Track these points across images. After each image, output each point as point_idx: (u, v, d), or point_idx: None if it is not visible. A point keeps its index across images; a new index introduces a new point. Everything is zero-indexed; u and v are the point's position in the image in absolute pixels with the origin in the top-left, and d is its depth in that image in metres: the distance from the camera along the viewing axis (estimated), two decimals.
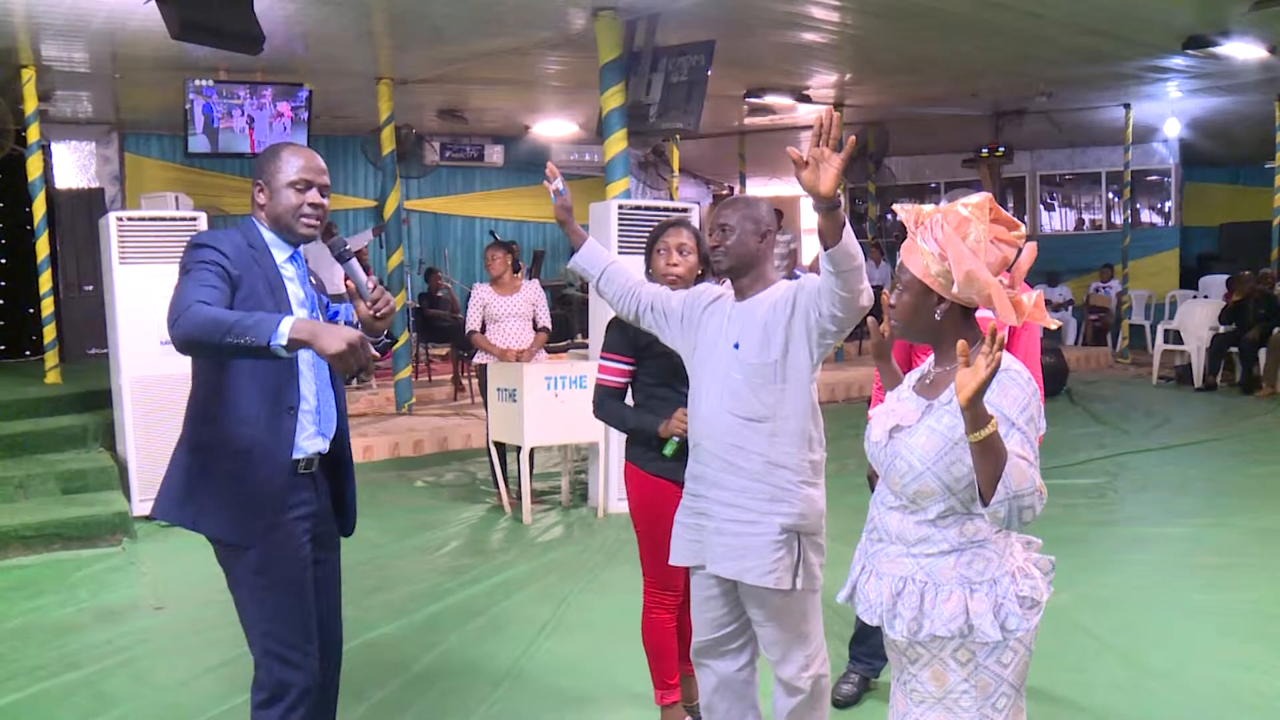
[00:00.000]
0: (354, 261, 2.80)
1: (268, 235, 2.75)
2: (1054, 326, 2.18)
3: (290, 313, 2.63)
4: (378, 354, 2.84)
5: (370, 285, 2.78)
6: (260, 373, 2.63)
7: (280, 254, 2.76)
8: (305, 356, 2.69)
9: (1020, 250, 2.15)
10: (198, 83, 9.40)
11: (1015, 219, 2.18)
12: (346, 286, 2.82)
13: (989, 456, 1.93)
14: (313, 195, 2.73)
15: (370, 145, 11.78)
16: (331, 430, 2.83)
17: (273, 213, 2.74)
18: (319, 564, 2.83)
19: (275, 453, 2.66)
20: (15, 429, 7.48)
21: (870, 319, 2.58)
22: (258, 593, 2.66)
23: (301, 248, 2.83)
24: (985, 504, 1.97)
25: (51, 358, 9.19)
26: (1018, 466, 1.93)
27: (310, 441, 2.75)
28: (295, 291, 2.76)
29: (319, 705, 2.81)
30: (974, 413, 1.90)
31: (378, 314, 2.79)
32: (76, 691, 4.17)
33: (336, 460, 2.90)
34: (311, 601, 2.73)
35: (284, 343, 2.29)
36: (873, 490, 3.47)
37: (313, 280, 2.87)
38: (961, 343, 1.93)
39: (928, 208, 2.21)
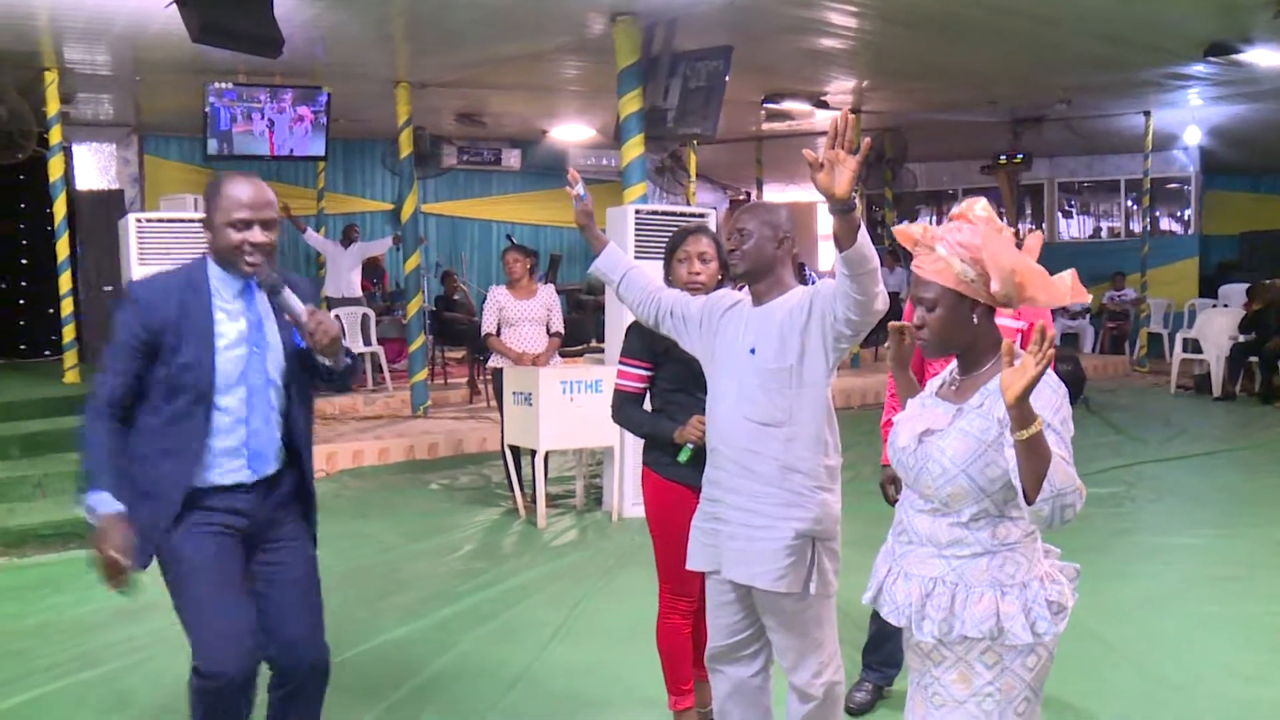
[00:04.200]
0: (286, 293, 2.75)
1: (215, 271, 2.78)
2: (1089, 300, 2.21)
3: (213, 359, 2.71)
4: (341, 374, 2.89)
5: (305, 315, 2.74)
6: (172, 420, 2.73)
7: (228, 290, 2.78)
8: (239, 394, 2.77)
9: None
10: (218, 86, 9.46)
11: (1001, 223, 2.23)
12: (286, 320, 2.80)
13: (1034, 455, 1.94)
14: (253, 234, 2.70)
15: (389, 154, 11.84)
16: (267, 466, 2.85)
17: (215, 251, 2.76)
18: (266, 566, 2.88)
19: (169, 490, 2.74)
20: (34, 428, 7.54)
21: (891, 324, 2.58)
22: (170, 590, 2.82)
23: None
24: (1030, 502, 1.98)
25: (70, 357, 9.27)
26: (1059, 465, 1.95)
27: (229, 476, 2.79)
28: (228, 330, 2.75)
29: (278, 694, 2.91)
30: (1021, 411, 1.91)
31: (316, 345, 2.77)
32: (95, 689, 4.21)
33: (297, 486, 2.95)
34: (216, 602, 2.75)
35: (84, 516, 2.63)
36: (886, 498, 3.49)
37: (288, 317, 2.81)
38: (1007, 342, 1.96)
39: (915, 228, 2.25)
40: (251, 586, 2.86)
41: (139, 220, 7.12)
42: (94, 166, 12.99)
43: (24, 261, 12.35)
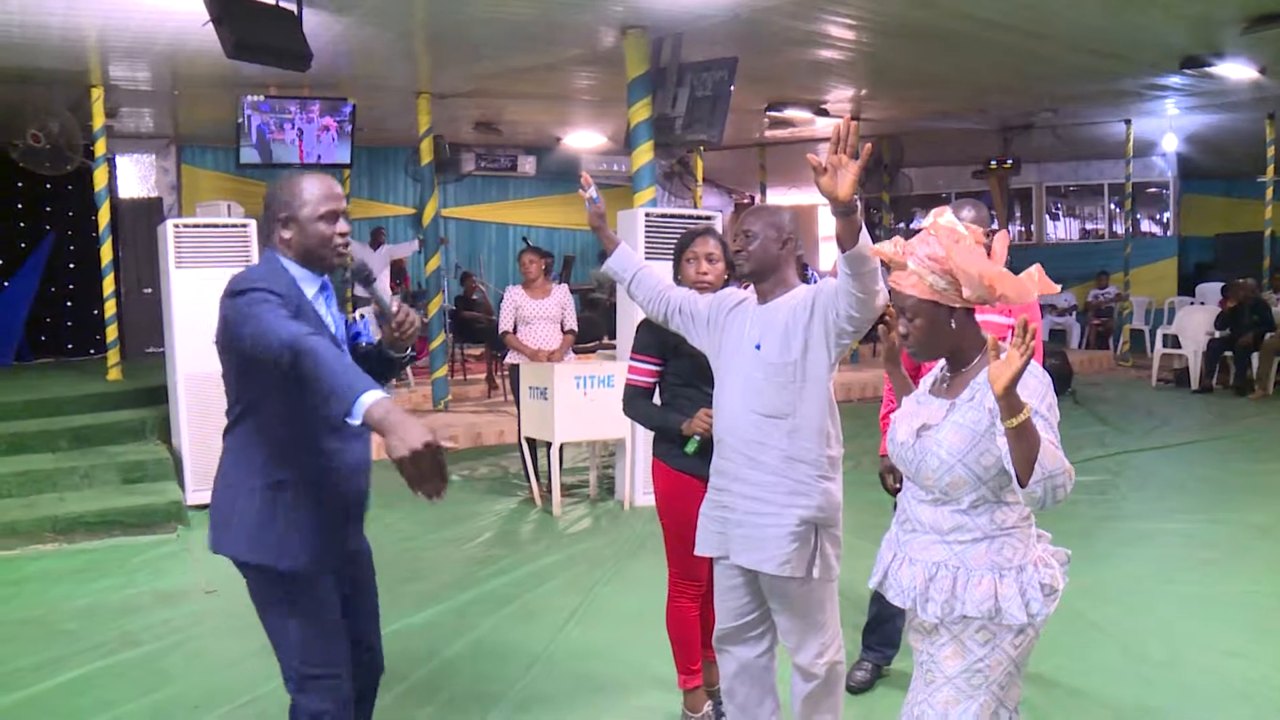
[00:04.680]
0: (378, 285, 2.70)
1: (295, 270, 2.52)
2: (1058, 290, 2.18)
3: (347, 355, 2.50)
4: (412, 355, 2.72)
5: (394, 306, 2.65)
6: (315, 421, 2.46)
7: (309, 288, 2.53)
8: None
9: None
10: (251, 98, 9.45)
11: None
12: (374, 309, 2.76)
13: (1024, 441, 1.95)
14: (341, 225, 2.53)
15: (412, 161, 11.84)
16: None
17: (302, 246, 2.51)
18: (351, 578, 2.74)
19: (350, 483, 2.58)
20: (80, 422, 7.55)
21: (881, 326, 2.56)
22: (301, 619, 2.54)
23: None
24: (1023, 485, 1.98)
25: (113, 356, 9.28)
26: (1048, 448, 1.95)
27: None
28: (329, 324, 2.56)
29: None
30: (1009, 401, 1.92)
31: (403, 334, 2.67)
32: (136, 667, 4.22)
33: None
34: (341, 625, 2.62)
35: (356, 422, 2.09)
36: (885, 487, 3.47)
37: (375, 307, 2.73)
38: (991, 338, 1.97)
39: (886, 246, 2.24)
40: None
41: (176, 225, 7.11)
42: (135, 176, 13.03)
43: (71, 265, 12.39)
